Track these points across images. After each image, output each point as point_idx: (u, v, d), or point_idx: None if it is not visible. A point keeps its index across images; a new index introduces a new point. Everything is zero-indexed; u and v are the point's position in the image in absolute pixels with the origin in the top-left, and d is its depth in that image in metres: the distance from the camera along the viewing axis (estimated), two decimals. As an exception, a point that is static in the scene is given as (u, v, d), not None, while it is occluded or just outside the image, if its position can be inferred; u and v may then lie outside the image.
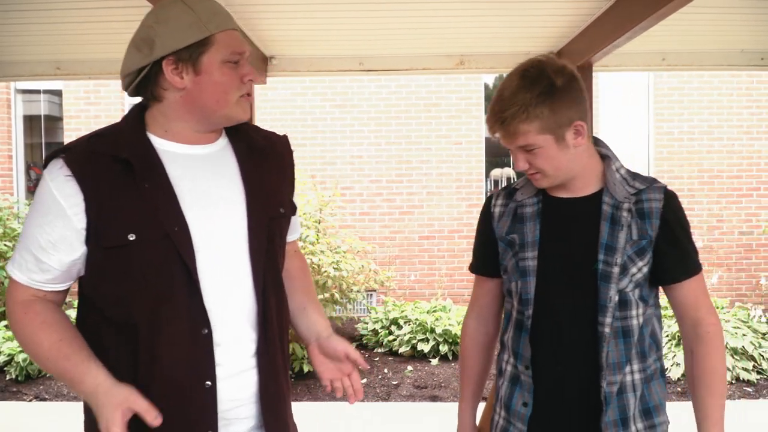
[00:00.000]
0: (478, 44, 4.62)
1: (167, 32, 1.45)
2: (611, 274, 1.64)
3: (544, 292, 1.71)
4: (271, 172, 1.65)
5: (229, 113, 1.52)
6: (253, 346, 1.53)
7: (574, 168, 1.69)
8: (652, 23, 3.21)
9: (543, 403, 1.72)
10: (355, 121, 8.35)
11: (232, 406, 1.50)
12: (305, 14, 3.79)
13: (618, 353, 1.65)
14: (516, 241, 1.76)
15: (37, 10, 3.59)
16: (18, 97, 8.55)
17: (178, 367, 1.44)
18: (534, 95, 1.60)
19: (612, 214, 1.67)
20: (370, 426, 4.73)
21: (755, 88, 8.29)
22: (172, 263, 1.43)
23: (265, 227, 1.56)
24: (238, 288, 1.51)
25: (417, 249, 8.36)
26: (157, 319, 1.43)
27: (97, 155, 1.45)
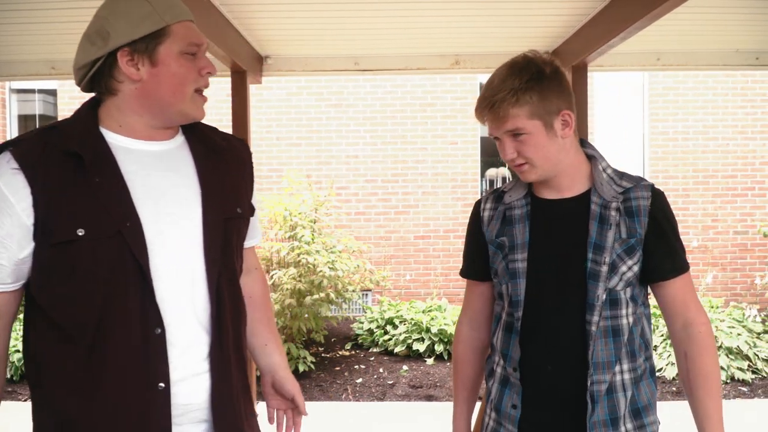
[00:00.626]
0: (473, 44, 4.62)
1: (122, 24, 1.42)
2: (599, 272, 1.64)
3: (534, 293, 1.71)
4: (229, 172, 1.61)
5: (184, 109, 1.49)
6: (206, 348, 1.49)
7: (562, 160, 1.69)
8: (646, 23, 3.22)
9: (533, 405, 1.72)
10: (350, 121, 8.35)
11: (185, 411, 1.47)
12: (300, 14, 3.79)
13: (607, 352, 1.65)
14: (506, 243, 1.76)
15: (32, 10, 3.59)
16: (13, 97, 8.53)
17: (130, 369, 1.39)
18: (523, 81, 1.62)
19: (600, 213, 1.67)
20: (366, 425, 4.73)
21: (750, 87, 8.31)
22: (124, 260, 1.38)
23: (221, 226, 1.52)
24: (191, 287, 1.47)
25: (412, 249, 8.37)
26: (107, 318, 1.38)
27: (47, 148, 1.40)
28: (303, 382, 5.67)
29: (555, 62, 1.70)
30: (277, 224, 6.44)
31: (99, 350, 1.39)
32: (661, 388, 5.50)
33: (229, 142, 1.69)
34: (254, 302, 1.77)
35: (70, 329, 1.40)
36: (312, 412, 1.85)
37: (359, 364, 6.32)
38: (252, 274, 1.80)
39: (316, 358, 6.42)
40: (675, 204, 8.03)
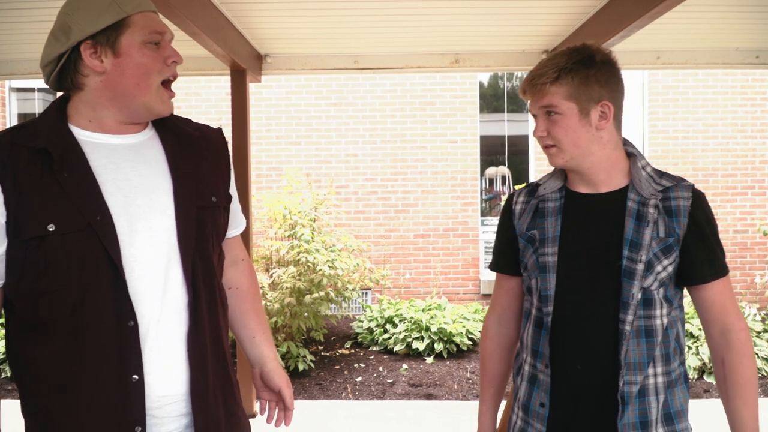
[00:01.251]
0: (473, 43, 4.62)
1: (83, 17, 1.44)
2: (635, 270, 1.61)
3: (564, 288, 1.68)
4: (202, 161, 1.61)
5: (149, 102, 1.49)
6: (182, 339, 1.49)
7: (594, 152, 1.66)
8: (646, 22, 3.22)
9: (562, 403, 1.69)
10: (350, 120, 8.34)
11: (162, 403, 1.47)
12: (300, 13, 3.79)
13: (639, 353, 1.62)
14: (536, 237, 1.73)
15: (30, 9, 3.59)
16: (12, 96, 8.53)
17: (103, 362, 1.40)
18: (570, 62, 1.62)
19: (637, 210, 1.64)
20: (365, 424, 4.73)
21: (750, 86, 8.31)
22: (95, 253, 1.39)
23: (193, 216, 1.52)
24: (165, 278, 1.47)
25: (412, 247, 8.37)
26: (81, 313, 1.39)
27: (15, 147, 1.41)
28: (303, 381, 5.68)
29: (610, 54, 1.68)
30: (276, 223, 6.44)
31: (74, 345, 1.40)
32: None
33: (202, 131, 1.68)
34: (241, 293, 1.79)
35: (46, 325, 1.41)
36: (312, 411, 1.85)
37: (359, 362, 6.32)
38: (238, 266, 1.80)
39: (316, 357, 6.43)
40: (675, 203, 8.02)
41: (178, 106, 8.25)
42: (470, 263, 8.33)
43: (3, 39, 4.31)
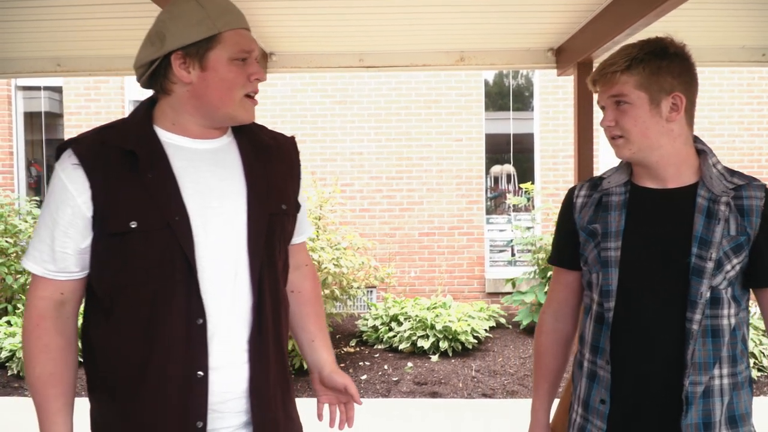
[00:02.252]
0: (478, 41, 4.61)
1: (177, 28, 1.49)
2: (705, 268, 1.57)
3: (627, 284, 1.64)
4: (276, 169, 1.67)
5: (232, 112, 1.55)
6: (246, 339, 1.54)
7: (663, 145, 1.63)
8: (652, 20, 3.21)
9: (622, 401, 1.66)
10: (355, 118, 8.34)
11: (223, 399, 1.52)
12: (305, 11, 3.79)
13: (705, 353, 1.58)
14: (598, 230, 1.70)
15: (37, 7, 3.59)
16: (18, 94, 8.55)
17: (172, 357, 1.46)
18: (642, 52, 1.60)
19: (708, 207, 1.60)
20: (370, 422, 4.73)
21: (756, 84, 8.28)
22: (172, 252, 1.46)
23: (264, 222, 1.57)
24: (234, 280, 1.53)
25: (417, 245, 8.37)
26: (156, 308, 1.46)
27: (105, 146, 1.49)
28: (307, 379, 5.68)
29: (684, 47, 1.65)
30: (281, 221, 6.44)
31: (146, 338, 1.47)
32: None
33: (277, 139, 1.74)
34: (303, 297, 1.84)
35: (122, 317, 1.49)
36: (314, 409, 1.85)
37: (364, 360, 6.32)
38: (301, 270, 1.85)
39: (321, 355, 6.43)
40: (680, 201, 8.01)
41: (184, 105, 8.26)
42: (475, 261, 8.33)
43: (8, 37, 4.32)
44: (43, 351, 1.50)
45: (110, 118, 1.68)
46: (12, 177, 8.44)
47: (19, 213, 7.48)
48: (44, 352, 1.50)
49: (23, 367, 5.69)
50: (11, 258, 6.99)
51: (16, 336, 5.97)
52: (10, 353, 5.85)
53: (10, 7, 3.61)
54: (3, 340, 5.98)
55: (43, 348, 1.50)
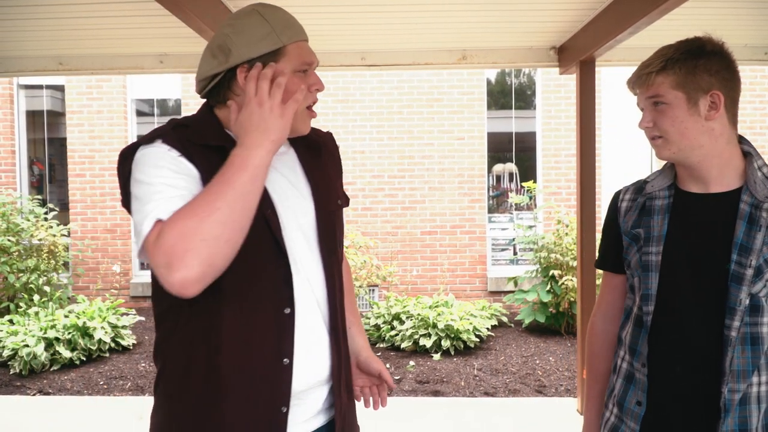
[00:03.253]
0: (481, 39, 4.61)
1: (243, 42, 1.51)
2: (744, 275, 1.55)
3: (668, 289, 1.64)
4: (327, 167, 1.76)
5: (294, 125, 1.57)
6: (324, 326, 1.61)
7: (703, 145, 1.61)
8: (654, 18, 3.21)
9: (657, 404, 1.66)
10: (357, 116, 8.34)
11: (305, 387, 1.57)
12: (307, 9, 3.79)
13: (744, 360, 1.56)
14: (641, 235, 1.70)
15: (39, 6, 3.59)
16: (21, 93, 8.56)
17: (260, 343, 1.51)
18: (679, 52, 1.60)
19: (750, 213, 1.58)
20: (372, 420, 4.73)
21: (759, 83, 8.27)
22: (267, 243, 1.51)
23: (330, 219, 1.67)
24: (312, 271, 1.60)
25: (419, 244, 8.36)
26: (246, 297, 1.50)
27: (190, 143, 1.49)
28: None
29: (723, 45, 1.63)
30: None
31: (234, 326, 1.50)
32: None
33: (320, 137, 1.82)
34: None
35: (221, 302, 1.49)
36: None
37: (366, 359, 6.33)
38: None
39: (323, 354, 6.44)
40: (683, 199, 8.00)
41: (186, 103, 8.27)
42: (477, 260, 8.32)
43: (11, 36, 4.33)
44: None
45: (112, 117, 1.67)
46: (14, 175, 8.45)
47: (21, 212, 7.48)
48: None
49: (25, 366, 5.71)
50: (13, 257, 7.00)
51: (18, 335, 5.97)
52: (12, 352, 5.85)
53: (12, 5, 3.61)
54: (5, 338, 5.98)
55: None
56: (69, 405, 5.11)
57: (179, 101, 8.61)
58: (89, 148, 8.32)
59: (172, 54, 4.80)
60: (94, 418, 4.80)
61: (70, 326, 6.12)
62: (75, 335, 6.10)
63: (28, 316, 6.50)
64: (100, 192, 8.37)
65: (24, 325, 6.21)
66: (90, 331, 6.21)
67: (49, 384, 5.62)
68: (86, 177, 8.37)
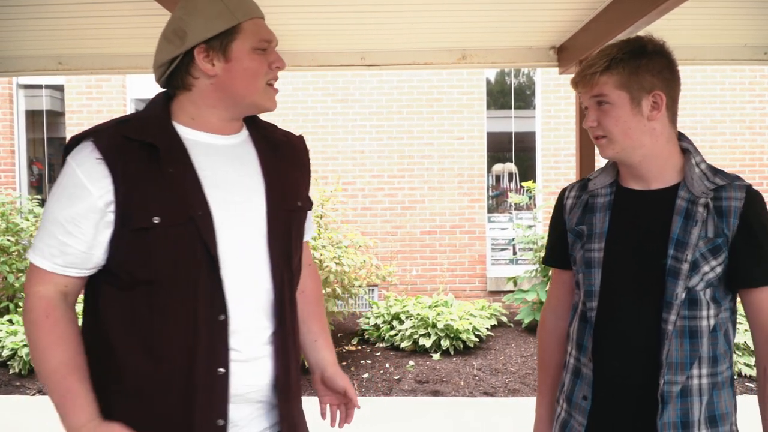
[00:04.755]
0: (480, 39, 4.61)
1: (197, 22, 1.51)
2: (680, 270, 1.58)
3: (610, 284, 1.67)
4: (289, 166, 1.70)
5: (257, 101, 1.58)
6: (268, 333, 1.55)
7: (645, 144, 1.64)
8: (654, 18, 3.21)
9: (603, 398, 1.68)
10: (356, 116, 8.34)
11: (246, 391, 1.52)
12: (307, 9, 3.79)
13: (682, 353, 1.59)
14: (584, 232, 1.74)
15: (38, 5, 3.59)
16: (20, 93, 8.55)
17: (192, 352, 1.45)
18: (623, 52, 1.62)
19: (686, 209, 1.61)
20: (372, 421, 4.73)
21: (758, 83, 8.27)
22: (195, 247, 1.45)
23: (283, 218, 1.60)
24: (255, 275, 1.54)
25: (419, 244, 8.37)
26: (177, 304, 1.45)
27: (126, 140, 1.47)
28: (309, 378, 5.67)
29: (664, 45, 1.68)
30: (283, 219, 6.44)
31: (167, 333, 1.46)
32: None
33: (288, 137, 1.78)
34: (306, 297, 1.84)
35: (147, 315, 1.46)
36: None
37: (365, 359, 6.33)
38: (306, 269, 1.84)
39: (323, 353, 6.43)
40: (682, 199, 7.99)
41: (185, 103, 8.27)
42: (477, 260, 8.33)
43: (10, 36, 4.32)
44: (60, 340, 1.46)
45: (112, 116, 1.68)
46: (14, 175, 8.44)
47: (21, 211, 7.48)
48: (61, 342, 1.46)
49: (24, 366, 5.70)
50: (13, 256, 7.00)
51: (18, 335, 5.97)
52: (11, 352, 5.85)
53: (11, 5, 3.60)
54: (4, 338, 5.98)
55: (59, 337, 1.46)
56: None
57: (179, 101, 8.61)
58: (89, 147, 8.30)
59: (171, 54, 4.80)
60: (94, 418, 4.79)
61: (69, 326, 6.11)
62: (74, 335, 6.10)
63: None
64: (100, 192, 8.35)
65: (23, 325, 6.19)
66: (89, 331, 6.20)
67: (49, 384, 5.62)
68: (86, 177, 8.36)
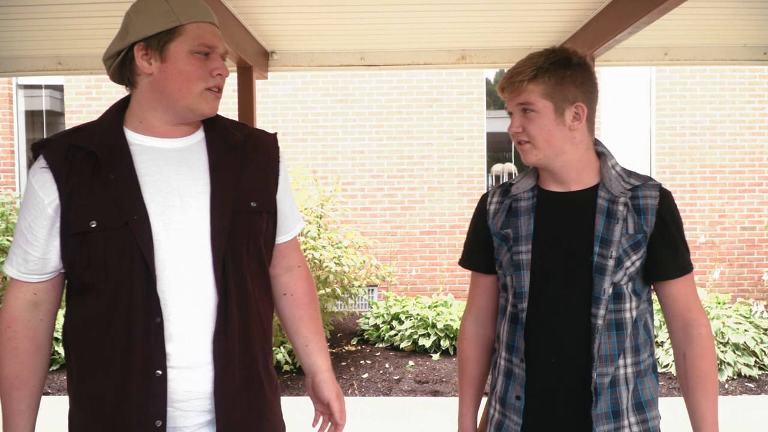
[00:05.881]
0: (480, 39, 4.61)
1: (141, 20, 1.52)
2: (606, 266, 1.65)
3: (538, 285, 1.71)
4: (248, 167, 1.65)
5: (191, 104, 1.54)
6: (210, 339, 1.52)
7: (567, 151, 1.70)
8: (654, 18, 3.21)
9: (537, 396, 1.72)
10: (356, 116, 8.34)
11: (186, 398, 1.51)
12: (307, 9, 3.79)
13: (610, 345, 1.66)
14: (510, 235, 1.77)
15: (38, 6, 3.59)
16: (20, 93, 8.55)
17: (130, 354, 1.47)
18: (548, 62, 1.66)
19: (607, 208, 1.68)
20: (372, 421, 4.73)
21: (758, 82, 8.27)
22: (131, 251, 1.47)
23: (227, 219, 1.55)
24: (196, 280, 1.52)
25: (418, 244, 8.37)
26: (116, 306, 1.48)
27: (72, 148, 1.52)
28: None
29: (586, 58, 1.73)
30: (283, 219, 6.44)
31: (107, 335, 1.49)
32: (668, 383, 5.49)
33: (255, 137, 1.73)
34: (296, 300, 1.81)
35: (89, 314, 1.52)
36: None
37: (365, 359, 6.32)
38: (293, 272, 1.82)
39: (322, 354, 6.42)
40: (682, 200, 8.01)
41: (185, 103, 8.27)
42: (476, 260, 8.31)
43: (10, 36, 4.32)
44: (12, 354, 1.53)
45: None
46: (13, 176, 8.44)
47: (21, 211, 7.48)
48: (12, 355, 1.53)
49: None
50: (12, 256, 6.99)
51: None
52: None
53: (11, 5, 3.61)
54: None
55: (12, 350, 1.53)
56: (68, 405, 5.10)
57: (178, 101, 8.61)
58: (88, 148, 8.30)
59: (171, 54, 4.80)
60: (93, 418, 4.79)
61: (69, 326, 6.11)
62: (74, 335, 6.10)
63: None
64: (99, 192, 8.36)
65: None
66: (89, 331, 6.20)
67: (48, 384, 5.62)
68: (85, 177, 8.36)
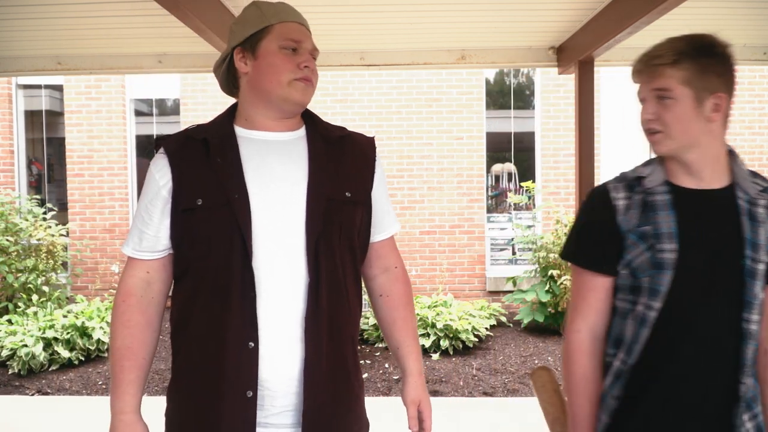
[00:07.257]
0: (480, 39, 4.61)
1: (239, 29, 1.71)
2: (757, 270, 1.58)
3: (680, 286, 1.59)
4: (345, 161, 1.76)
5: (283, 94, 1.67)
6: (301, 317, 1.59)
7: (702, 144, 1.60)
8: (654, 18, 3.21)
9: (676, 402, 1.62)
10: (356, 116, 8.34)
11: (276, 376, 1.58)
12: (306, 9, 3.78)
13: (752, 352, 1.61)
14: (650, 232, 1.62)
15: (37, 5, 3.59)
16: (19, 93, 8.55)
17: (226, 326, 1.56)
18: (691, 48, 1.57)
19: (749, 210, 1.60)
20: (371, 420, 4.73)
21: (758, 83, 8.27)
22: (231, 228, 1.58)
23: (322, 205, 1.64)
24: (289, 259, 1.60)
25: (418, 244, 8.36)
26: (216, 280, 1.59)
27: (189, 139, 1.69)
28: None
29: (729, 48, 1.61)
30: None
31: (209, 308, 1.59)
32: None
33: (352, 136, 1.88)
34: (391, 301, 1.86)
35: (194, 289, 1.63)
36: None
37: (365, 359, 6.32)
38: (390, 273, 1.87)
39: (322, 353, 6.43)
40: (681, 199, 7.99)
41: (185, 103, 8.27)
42: (476, 260, 8.33)
43: (9, 36, 4.32)
44: (125, 325, 1.65)
45: (111, 117, 1.76)
46: (13, 175, 8.44)
47: (20, 211, 7.48)
48: (125, 327, 1.65)
49: (24, 366, 5.70)
50: (12, 256, 6.99)
51: (17, 334, 5.97)
52: (11, 351, 5.84)
53: (11, 5, 3.60)
54: (4, 338, 5.98)
55: (125, 323, 1.65)
56: (68, 405, 5.10)
57: (178, 101, 8.60)
58: (88, 147, 8.31)
59: (170, 54, 4.80)
60: (93, 418, 4.79)
61: (68, 326, 6.11)
62: (74, 335, 6.10)
63: (27, 316, 6.49)
64: (99, 192, 8.36)
65: (23, 325, 6.20)
66: (89, 331, 6.20)
67: (48, 384, 5.62)
68: (85, 177, 8.36)
